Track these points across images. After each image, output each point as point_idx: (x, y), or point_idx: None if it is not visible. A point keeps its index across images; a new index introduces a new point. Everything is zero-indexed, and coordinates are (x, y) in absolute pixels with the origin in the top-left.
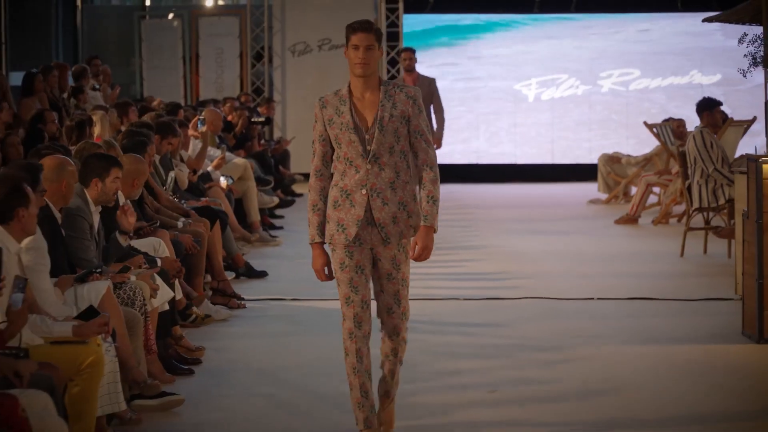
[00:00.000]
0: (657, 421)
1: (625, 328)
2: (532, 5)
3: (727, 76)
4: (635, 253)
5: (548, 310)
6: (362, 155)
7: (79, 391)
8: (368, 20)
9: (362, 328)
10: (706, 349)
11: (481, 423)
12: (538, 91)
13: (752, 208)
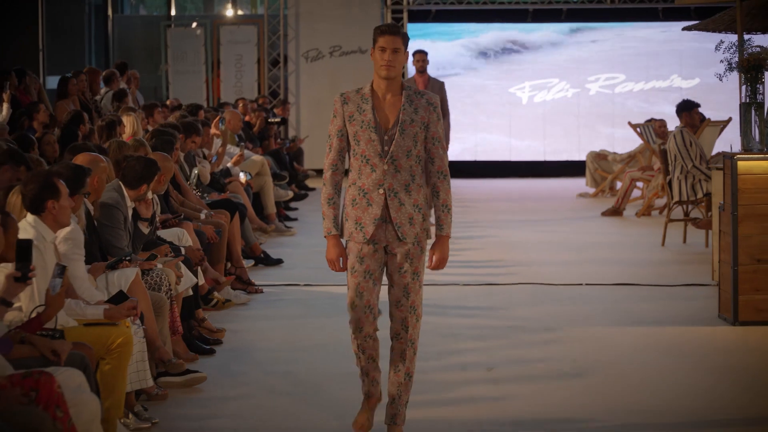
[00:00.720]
0: (641, 395)
1: (611, 311)
2: (526, 15)
3: (705, 80)
4: (620, 243)
5: (541, 294)
6: (380, 155)
7: (110, 369)
8: (395, 24)
9: (363, 331)
10: (686, 330)
11: (480, 398)
12: (531, 93)
13: (728, 201)
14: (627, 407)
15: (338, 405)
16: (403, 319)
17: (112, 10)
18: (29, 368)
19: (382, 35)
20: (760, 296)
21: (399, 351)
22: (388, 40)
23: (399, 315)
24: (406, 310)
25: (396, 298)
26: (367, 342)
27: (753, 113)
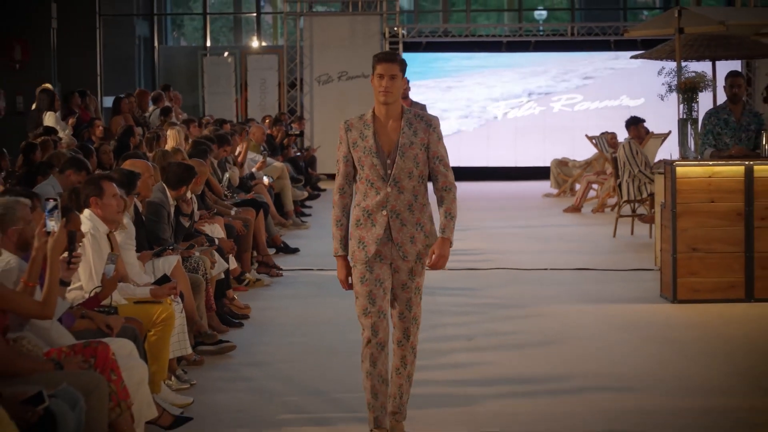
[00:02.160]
0: (597, 361)
1: (571, 292)
2: (501, 46)
3: (649, 99)
4: (579, 235)
5: (513, 277)
6: (383, 178)
7: (156, 339)
8: (393, 51)
9: (378, 335)
10: (633, 307)
11: (461, 363)
12: (504, 111)
13: (668, 200)
14: (585, 371)
15: (344, 369)
16: (405, 329)
17: (158, 41)
18: (88, 339)
19: (379, 62)
20: (694, 279)
21: (401, 356)
22: (386, 67)
23: (402, 325)
24: (408, 321)
25: (399, 311)
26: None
27: (689, 127)
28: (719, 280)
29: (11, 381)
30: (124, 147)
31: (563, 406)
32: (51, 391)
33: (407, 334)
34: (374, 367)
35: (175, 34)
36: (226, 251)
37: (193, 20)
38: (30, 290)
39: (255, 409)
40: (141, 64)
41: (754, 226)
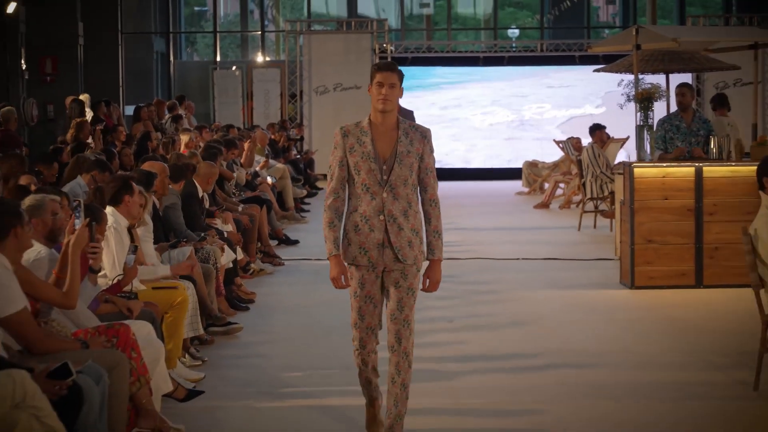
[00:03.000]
0: (562, 339)
1: (540, 279)
2: (478, 61)
3: (610, 108)
4: (547, 228)
5: (489, 266)
6: (380, 183)
7: (172, 321)
8: (392, 61)
9: (366, 348)
10: (595, 293)
11: (443, 342)
12: (482, 118)
13: (627, 197)
14: (552, 348)
15: (339, 347)
16: (396, 332)
17: (174, 56)
18: (111, 321)
19: (379, 71)
20: (650, 267)
21: (394, 363)
22: (385, 76)
23: (393, 328)
24: (399, 323)
25: (391, 311)
26: (370, 356)
27: (645, 133)
28: (672, 268)
29: (42, 359)
30: (143, 150)
31: (533, 379)
32: (78, 367)
33: (399, 337)
34: (366, 366)
35: (189, 50)
36: (234, 243)
37: (204, 37)
38: (62, 282)
39: (260, 383)
40: (158, 77)
41: (703, 220)
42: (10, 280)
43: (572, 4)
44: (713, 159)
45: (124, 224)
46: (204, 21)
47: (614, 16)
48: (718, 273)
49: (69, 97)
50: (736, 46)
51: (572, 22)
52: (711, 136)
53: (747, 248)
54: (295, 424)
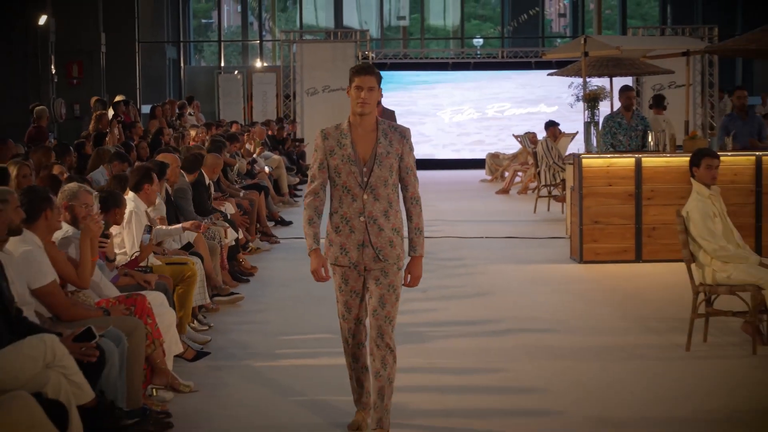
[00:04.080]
0: (521, 307)
1: (502, 254)
2: (447, 66)
3: (561, 107)
4: (507, 211)
5: (457, 244)
6: (360, 185)
7: (182, 292)
8: (370, 64)
9: (355, 338)
10: (550, 267)
11: (416, 310)
12: (450, 115)
13: (576, 184)
14: (513, 315)
15: (328, 315)
16: (378, 327)
17: (184, 62)
18: (130, 292)
19: (357, 75)
20: (596, 245)
21: (380, 358)
22: (364, 80)
23: (375, 323)
24: (381, 319)
25: (373, 308)
26: (360, 350)
27: (592, 129)
28: (615, 245)
29: (69, 325)
30: (157, 144)
31: (496, 342)
32: (100, 332)
33: (381, 333)
34: (357, 362)
35: (197, 57)
36: (237, 224)
37: (210, 46)
38: (92, 264)
39: (259, 345)
40: (170, 80)
41: (642, 204)
42: (41, 256)
43: (529, 17)
44: (650, 151)
45: (143, 208)
46: (210, 31)
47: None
48: (655, 249)
49: (93, 98)
50: (671, 53)
51: (529, 33)
52: (648, 132)
53: (680, 228)
54: (290, 381)
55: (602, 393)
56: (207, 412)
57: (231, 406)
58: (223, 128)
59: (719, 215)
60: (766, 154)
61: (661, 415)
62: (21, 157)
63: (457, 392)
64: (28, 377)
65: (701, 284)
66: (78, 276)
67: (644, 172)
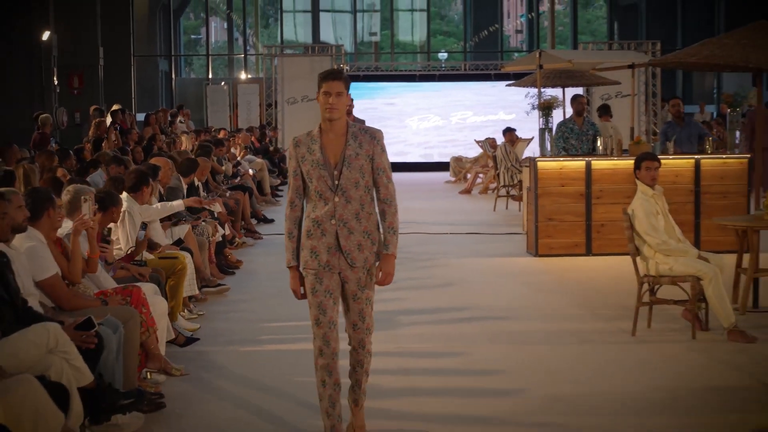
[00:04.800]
0: (482, 296)
1: (465, 249)
2: (415, 78)
3: (518, 115)
4: (470, 209)
5: (423, 239)
6: (331, 189)
7: (174, 284)
8: (339, 69)
9: (330, 345)
10: (508, 260)
11: (387, 299)
12: (418, 122)
13: (532, 185)
14: (475, 304)
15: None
16: (360, 340)
17: (175, 74)
18: (126, 283)
19: (325, 80)
20: (550, 240)
21: (357, 359)
22: (332, 85)
23: (356, 336)
24: (362, 332)
25: (353, 321)
26: (333, 361)
27: (546, 134)
28: (567, 240)
29: (71, 314)
30: (151, 148)
31: (460, 328)
32: (99, 320)
33: (362, 344)
34: (330, 377)
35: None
36: (223, 221)
37: (199, 59)
38: (94, 260)
39: (243, 332)
40: (163, 90)
41: (592, 203)
42: (45, 251)
43: (489, 33)
44: (599, 155)
45: (137, 208)
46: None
47: (522, 42)
48: (604, 244)
49: (92, 106)
50: (618, 66)
51: (489, 47)
52: (598, 137)
53: (626, 225)
54: (272, 364)
55: (556, 374)
56: (196, 393)
57: (218, 387)
58: (211, 134)
59: (662, 213)
60: (704, 157)
61: (609, 394)
62: (27, 160)
63: (424, 374)
64: (32, 362)
65: (645, 275)
66: (69, 271)
67: (594, 173)
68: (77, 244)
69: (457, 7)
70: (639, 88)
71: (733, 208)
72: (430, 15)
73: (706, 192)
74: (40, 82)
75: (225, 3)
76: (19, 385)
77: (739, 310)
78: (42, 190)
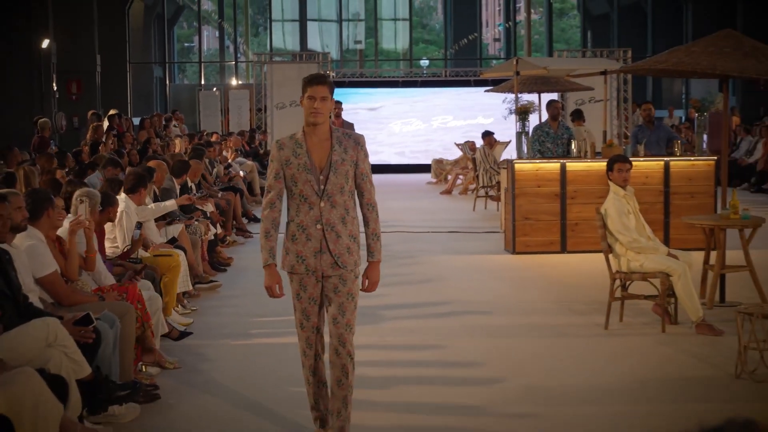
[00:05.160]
0: (463, 291)
1: (445, 246)
2: (398, 84)
3: (497, 119)
4: (450, 209)
5: (407, 237)
6: (317, 193)
7: (168, 280)
8: (323, 74)
9: (313, 348)
10: (487, 257)
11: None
12: (401, 126)
13: (509, 186)
14: (456, 298)
15: None
16: (339, 336)
17: (169, 80)
18: (122, 280)
19: (310, 85)
20: (527, 238)
21: (340, 366)
22: (316, 89)
23: (336, 332)
24: (342, 327)
25: (333, 315)
26: (317, 362)
27: (523, 138)
28: (543, 238)
29: (69, 309)
30: (146, 151)
31: (440, 322)
32: (97, 315)
33: (342, 341)
34: (314, 375)
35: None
36: (215, 221)
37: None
38: (91, 259)
39: (235, 326)
40: (157, 96)
41: (566, 203)
42: (44, 250)
43: (468, 41)
44: (574, 157)
45: (134, 208)
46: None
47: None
48: (578, 242)
49: (90, 111)
50: (591, 73)
51: (468, 55)
52: (572, 140)
53: (599, 223)
54: (262, 357)
55: (532, 365)
56: (190, 384)
57: (211, 379)
58: (203, 139)
59: (633, 212)
60: (673, 159)
61: (582, 384)
62: (28, 162)
63: (407, 365)
64: (33, 355)
65: (617, 272)
66: (66, 269)
67: (568, 175)
68: (73, 243)
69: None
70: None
71: (700, 207)
72: (412, 24)
73: (675, 192)
74: (39, 88)
75: (217, 12)
76: (19, 377)
77: (706, 305)
78: (41, 191)
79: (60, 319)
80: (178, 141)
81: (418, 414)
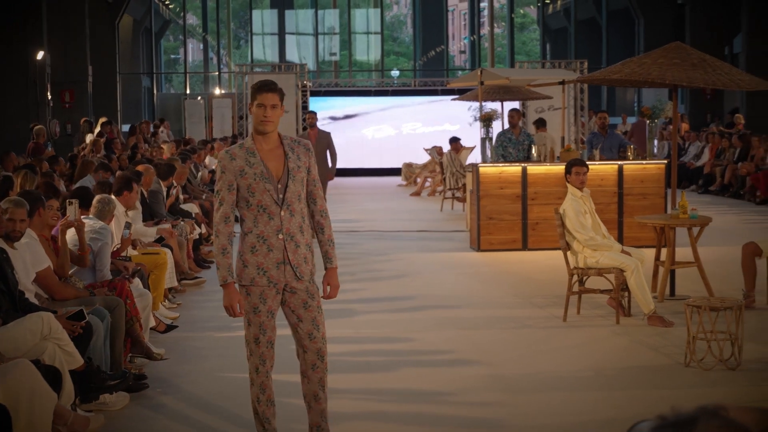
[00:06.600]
0: (433, 287)
1: (416, 245)
2: (371, 93)
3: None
4: (419, 209)
5: (380, 236)
6: (276, 202)
7: (155, 277)
8: (272, 81)
9: (266, 364)
10: (453, 254)
11: (347, 290)
12: (373, 133)
13: (475, 188)
14: (425, 293)
15: None
16: (318, 350)
17: (156, 90)
18: (113, 277)
19: (260, 92)
20: (491, 237)
21: (317, 380)
22: (266, 97)
23: (314, 347)
24: (319, 341)
25: (308, 331)
26: (268, 380)
27: (486, 143)
28: (506, 237)
29: (63, 304)
30: (135, 156)
31: (411, 315)
32: (89, 309)
33: (321, 354)
34: (263, 393)
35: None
36: (200, 221)
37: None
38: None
39: (218, 319)
40: (145, 104)
41: (527, 204)
42: (37, 247)
43: (436, 53)
44: (534, 161)
45: (122, 210)
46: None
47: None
48: (538, 240)
49: (82, 119)
50: (550, 83)
51: (436, 66)
52: (533, 145)
53: (558, 223)
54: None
55: (496, 354)
56: (176, 374)
57: (196, 369)
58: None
59: (589, 212)
60: (626, 163)
61: (543, 372)
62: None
63: (380, 355)
64: (28, 347)
65: (575, 268)
66: (57, 265)
67: (529, 177)
68: (64, 242)
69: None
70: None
71: (652, 207)
72: (383, 37)
73: (628, 194)
74: (34, 97)
75: (201, 26)
76: (16, 368)
77: (657, 298)
78: (33, 193)
79: (54, 314)
80: (166, 146)
81: (390, 402)
